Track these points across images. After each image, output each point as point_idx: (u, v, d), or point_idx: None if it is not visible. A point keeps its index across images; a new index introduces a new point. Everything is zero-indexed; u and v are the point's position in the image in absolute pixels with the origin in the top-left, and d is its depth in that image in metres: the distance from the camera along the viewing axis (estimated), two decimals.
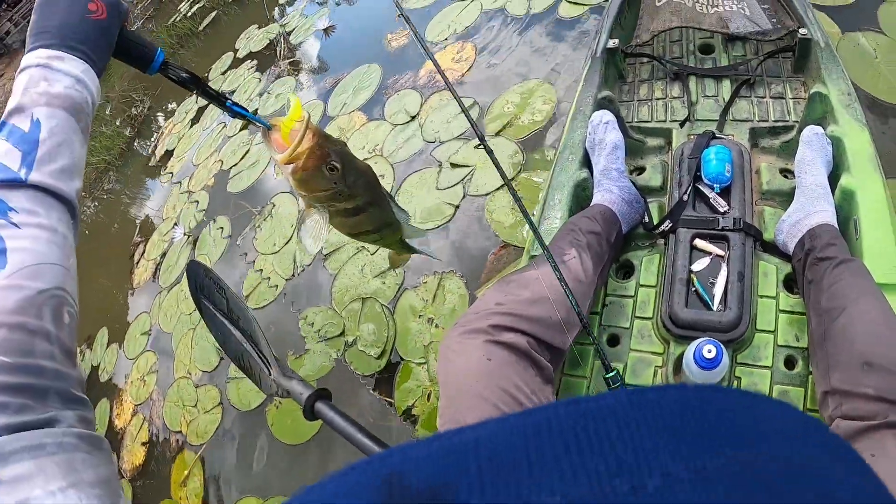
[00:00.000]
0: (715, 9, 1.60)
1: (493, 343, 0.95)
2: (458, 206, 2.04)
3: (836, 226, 1.19)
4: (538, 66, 2.34)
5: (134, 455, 2.52)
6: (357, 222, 0.90)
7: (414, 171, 2.25)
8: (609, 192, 1.37)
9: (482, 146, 1.17)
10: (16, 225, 0.48)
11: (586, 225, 1.25)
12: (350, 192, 0.82)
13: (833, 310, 1.00)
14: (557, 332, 1.04)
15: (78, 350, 2.12)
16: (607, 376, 1.02)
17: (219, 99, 0.74)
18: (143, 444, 2.53)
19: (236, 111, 0.75)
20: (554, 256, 1.13)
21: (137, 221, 3.86)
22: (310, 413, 0.98)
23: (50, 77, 0.56)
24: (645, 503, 0.16)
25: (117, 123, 5.09)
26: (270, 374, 1.08)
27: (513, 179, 1.98)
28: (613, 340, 1.28)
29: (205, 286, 1.25)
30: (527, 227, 1.48)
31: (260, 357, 1.13)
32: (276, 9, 4.55)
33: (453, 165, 2.13)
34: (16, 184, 0.50)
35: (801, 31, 1.48)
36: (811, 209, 1.21)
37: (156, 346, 2.80)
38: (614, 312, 1.30)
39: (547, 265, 1.11)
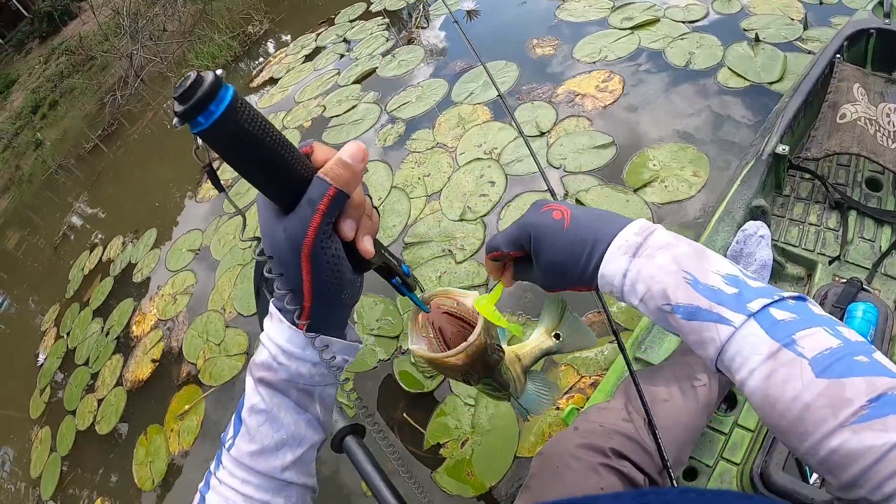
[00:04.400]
0: (895, 144, 1.46)
1: (610, 469, 0.84)
2: None
3: None
4: (686, 128, 2.11)
5: (141, 368, 2.40)
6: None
7: (533, 190, 2.06)
8: None
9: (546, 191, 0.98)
10: (217, 478, 0.53)
11: None
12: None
13: None
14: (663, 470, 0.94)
15: (120, 241, 1.99)
16: None
17: (389, 273, 0.57)
18: (154, 361, 2.41)
19: (401, 290, 0.59)
20: (684, 377, 1.03)
21: None
22: (337, 445, 0.83)
23: (260, 347, 0.53)
24: None
25: (229, 37, 5.04)
26: None
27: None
28: (691, 473, 1.16)
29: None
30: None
31: None
32: None
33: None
34: (222, 447, 0.54)
35: None
36: None
37: (198, 268, 2.69)
38: (702, 444, 1.18)
39: (677, 385, 1.01)
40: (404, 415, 1.64)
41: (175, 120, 0.37)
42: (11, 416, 2.93)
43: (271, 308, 0.51)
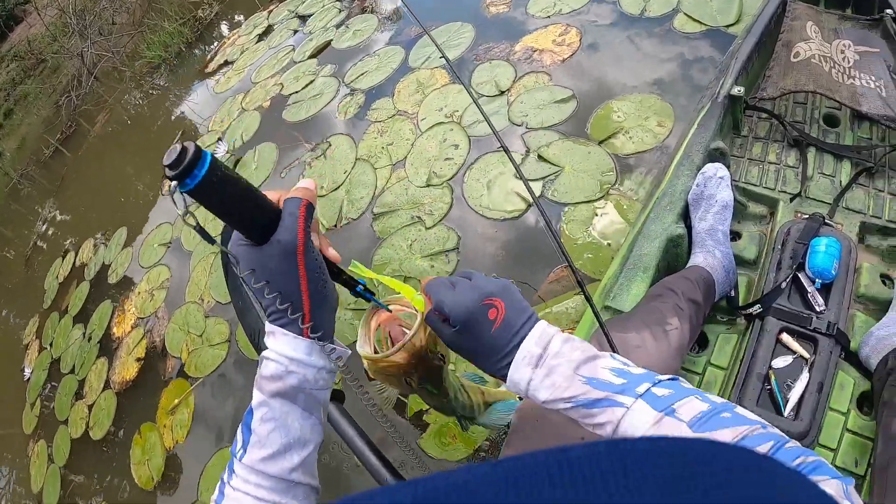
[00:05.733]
0: (851, 80, 1.48)
1: None
2: (531, 205, 1.84)
3: None
4: (648, 77, 2.09)
5: (126, 369, 2.39)
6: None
7: (493, 150, 2.04)
8: (712, 256, 1.24)
9: (502, 149, 1.01)
10: (231, 486, 0.58)
11: (688, 290, 1.14)
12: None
13: None
14: None
15: (92, 243, 1.96)
16: None
17: (351, 284, 0.67)
18: (138, 359, 2.39)
19: (364, 296, 0.68)
20: (655, 322, 1.03)
21: (179, 124, 3.70)
22: None
23: (263, 361, 0.59)
24: None
25: (179, 24, 4.88)
26: None
27: (601, 199, 1.78)
28: None
29: None
30: (615, 265, 1.30)
31: None
32: None
33: (540, 158, 1.92)
34: (233, 458, 0.59)
35: None
36: None
37: (172, 262, 2.66)
38: None
39: (648, 331, 1.01)
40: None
41: (171, 185, 0.46)
42: (5, 434, 2.91)
43: (270, 328, 0.58)
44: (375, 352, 0.70)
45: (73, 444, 2.36)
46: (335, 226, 2.11)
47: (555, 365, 0.57)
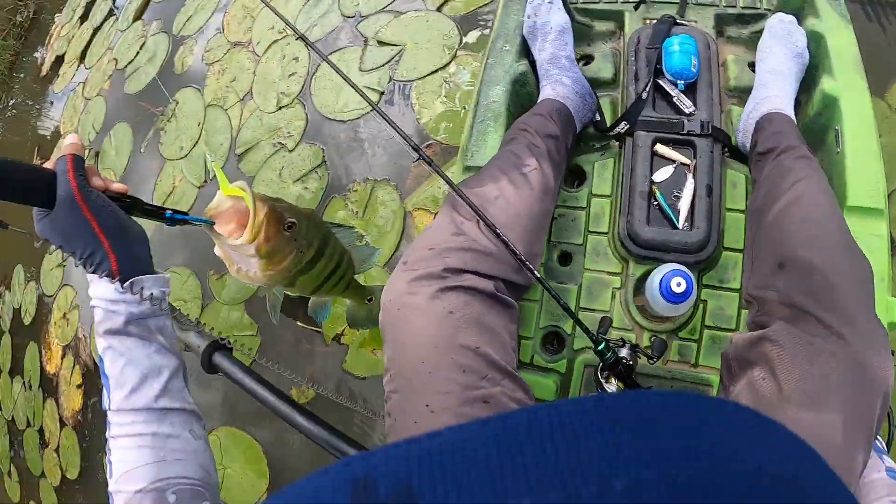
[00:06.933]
0: None
1: (449, 290, 0.75)
2: (383, 93, 1.73)
3: (789, 113, 1.04)
4: None
5: (72, 400, 2.31)
6: (321, 269, 0.92)
7: (333, 50, 1.89)
8: (561, 85, 1.14)
9: (421, 158, 0.93)
10: (112, 437, 0.60)
11: (541, 126, 1.04)
12: (308, 243, 0.86)
13: (764, 207, 0.87)
14: (520, 268, 0.86)
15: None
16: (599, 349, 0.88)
17: (158, 213, 0.70)
18: (79, 386, 2.31)
19: (178, 219, 0.71)
20: (511, 167, 0.94)
21: (37, 139, 3.40)
22: (207, 366, 0.90)
23: (93, 310, 0.62)
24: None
25: (0, 38, 4.39)
26: None
27: (448, 65, 1.69)
28: (565, 258, 1.14)
29: None
30: (468, 123, 1.22)
31: None
32: None
33: (381, 43, 1.80)
34: (106, 413, 0.61)
35: None
36: (759, 98, 1.06)
37: (72, 279, 2.51)
38: (565, 226, 1.15)
39: (505, 178, 0.91)
40: (298, 323, 1.61)
41: None
42: None
43: (90, 278, 0.61)
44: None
45: (58, 492, 2.30)
46: (205, 182, 1.98)
47: None
